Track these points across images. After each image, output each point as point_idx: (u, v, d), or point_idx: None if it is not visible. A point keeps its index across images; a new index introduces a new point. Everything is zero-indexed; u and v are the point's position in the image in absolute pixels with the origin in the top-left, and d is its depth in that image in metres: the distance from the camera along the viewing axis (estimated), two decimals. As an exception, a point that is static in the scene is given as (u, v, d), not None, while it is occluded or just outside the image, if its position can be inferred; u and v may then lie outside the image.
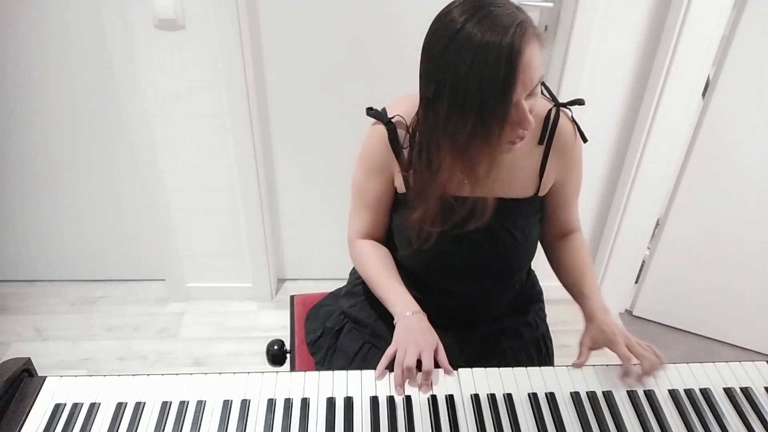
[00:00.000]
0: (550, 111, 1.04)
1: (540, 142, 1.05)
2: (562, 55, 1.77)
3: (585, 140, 1.08)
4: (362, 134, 1.09)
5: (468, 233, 1.05)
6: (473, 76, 0.81)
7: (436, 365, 0.98)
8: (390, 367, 0.98)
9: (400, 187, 1.07)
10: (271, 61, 1.82)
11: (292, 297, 1.49)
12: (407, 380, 0.96)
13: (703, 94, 1.84)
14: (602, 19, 1.69)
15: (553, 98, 1.06)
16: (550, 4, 1.75)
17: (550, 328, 1.28)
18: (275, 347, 1.31)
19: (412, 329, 1.01)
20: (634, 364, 0.99)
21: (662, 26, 1.71)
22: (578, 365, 1.01)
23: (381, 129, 1.04)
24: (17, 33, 1.77)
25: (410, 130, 1.01)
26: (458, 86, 0.82)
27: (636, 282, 2.23)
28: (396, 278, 1.11)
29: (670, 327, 2.20)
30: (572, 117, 1.07)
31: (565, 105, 1.06)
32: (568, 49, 1.73)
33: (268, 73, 1.84)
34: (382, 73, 1.84)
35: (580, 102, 1.06)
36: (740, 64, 1.71)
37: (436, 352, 0.99)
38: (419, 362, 0.96)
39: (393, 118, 1.03)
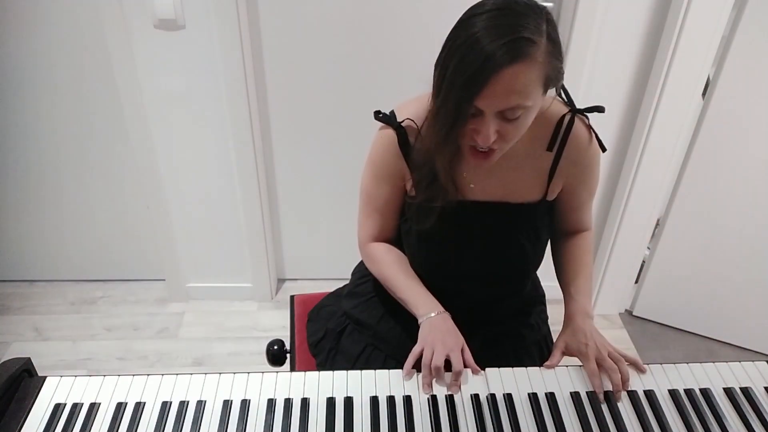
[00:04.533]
0: (563, 117, 1.01)
1: (549, 149, 1.02)
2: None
3: (603, 149, 1.04)
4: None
5: (475, 238, 1.05)
6: (454, 61, 0.81)
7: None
8: (416, 367, 0.97)
9: (411, 190, 1.05)
10: (271, 61, 1.82)
11: (292, 297, 1.49)
12: (435, 380, 0.96)
13: (703, 94, 1.84)
14: (602, 19, 1.69)
15: (571, 104, 1.02)
16: (550, 4, 1.75)
17: (550, 329, 1.28)
18: (275, 347, 1.31)
19: (439, 329, 1.01)
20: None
21: (662, 26, 1.71)
22: (549, 367, 1.01)
23: (390, 133, 1.02)
24: (17, 33, 1.77)
25: (421, 131, 0.98)
26: (444, 64, 0.84)
27: (636, 282, 2.23)
28: (415, 279, 1.09)
29: (670, 327, 2.20)
30: (589, 123, 1.03)
31: (582, 111, 1.02)
32: (568, 49, 1.73)
33: (268, 73, 1.84)
34: (383, 73, 1.84)
35: (599, 109, 1.02)
36: (740, 64, 1.71)
37: (462, 352, 0.99)
38: (447, 362, 0.96)
39: (403, 121, 1.00)
